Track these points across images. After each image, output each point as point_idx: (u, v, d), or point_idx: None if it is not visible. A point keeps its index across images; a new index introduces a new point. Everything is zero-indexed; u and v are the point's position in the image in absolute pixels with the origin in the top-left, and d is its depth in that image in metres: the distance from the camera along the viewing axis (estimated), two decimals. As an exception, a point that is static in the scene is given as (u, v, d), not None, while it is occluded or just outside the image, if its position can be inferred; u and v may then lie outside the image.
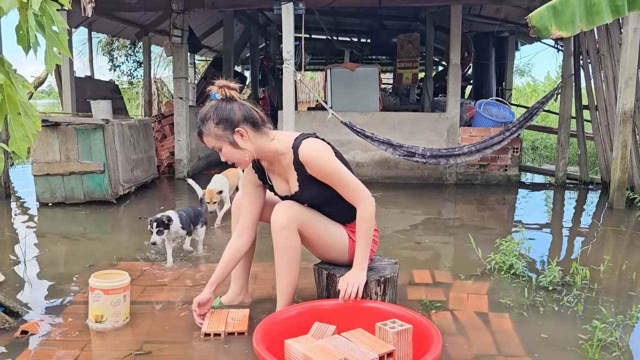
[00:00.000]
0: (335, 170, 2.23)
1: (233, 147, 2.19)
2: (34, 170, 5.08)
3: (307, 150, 2.22)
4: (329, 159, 2.23)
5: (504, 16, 7.91)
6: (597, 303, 2.70)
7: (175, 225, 3.31)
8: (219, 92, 2.19)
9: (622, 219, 4.65)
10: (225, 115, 2.16)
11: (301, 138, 2.26)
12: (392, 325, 1.94)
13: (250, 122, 2.20)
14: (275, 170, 2.35)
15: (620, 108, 5.03)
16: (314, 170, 2.22)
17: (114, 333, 2.36)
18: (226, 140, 2.18)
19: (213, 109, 2.18)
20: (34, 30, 2.00)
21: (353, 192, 2.25)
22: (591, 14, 3.30)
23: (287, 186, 2.36)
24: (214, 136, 2.18)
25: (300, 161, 2.22)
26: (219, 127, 2.16)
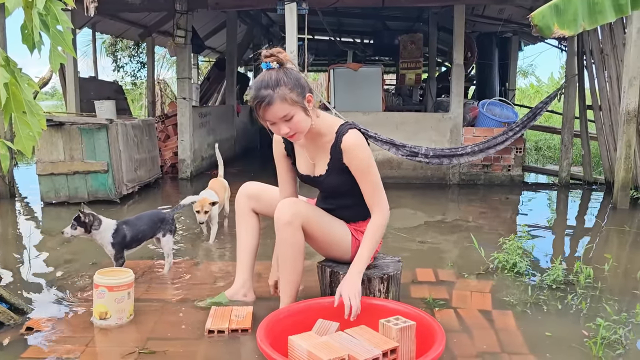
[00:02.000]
0: (372, 169, 2.23)
1: (306, 113, 2.11)
2: (38, 169, 5.10)
3: (352, 139, 2.19)
4: (369, 155, 2.24)
5: (507, 16, 7.90)
6: (601, 302, 2.70)
7: (106, 235, 2.85)
8: (273, 60, 2.09)
9: (626, 219, 4.64)
10: (299, 80, 2.08)
11: (348, 126, 2.24)
12: (395, 322, 1.95)
13: (310, 89, 2.17)
14: (307, 145, 2.32)
15: (624, 108, 5.02)
16: (352, 160, 2.20)
17: (118, 330, 2.37)
18: (300, 106, 2.08)
19: (283, 74, 2.06)
20: (38, 30, 2.01)
21: (376, 196, 2.25)
22: (594, 12, 3.30)
23: (312, 166, 2.34)
24: (290, 102, 2.05)
25: (340, 148, 2.20)
26: (294, 92, 2.05)
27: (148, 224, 3.03)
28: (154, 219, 3.08)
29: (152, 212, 3.20)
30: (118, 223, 2.90)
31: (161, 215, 3.13)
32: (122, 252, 2.89)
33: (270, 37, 12.35)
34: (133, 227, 2.94)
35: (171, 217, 3.18)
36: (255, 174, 7.14)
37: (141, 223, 3.01)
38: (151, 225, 3.04)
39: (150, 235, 3.05)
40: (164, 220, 3.11)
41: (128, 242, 2.91)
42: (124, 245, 2.89)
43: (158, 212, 3.18)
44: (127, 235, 2.90)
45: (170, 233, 3.12)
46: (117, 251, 2.87)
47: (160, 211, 3.23)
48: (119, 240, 2.86)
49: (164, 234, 3.08)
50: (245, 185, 2.65)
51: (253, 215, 2.62)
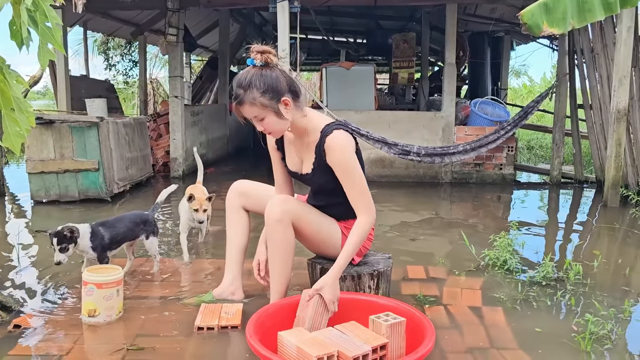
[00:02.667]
0: (353, 170, 2.18)
1: (278, 117, 2.11)
2: (28, 168, 5.07)
3: (335, 140, 2.17)
4: (349, 155, 2.19)
5: (499, 16, 7.92)
6: (591, 298, 2.71)
7: (84, 241, 2.70)
8: (259, 58, 2.07)
9: (616, 217, 4.67)
10: (273, 84, 2.06)
11: (333, 126, 2.21)
12: (385, 318, 1.94)
13: (293, 92, 2.14)
14: (295, 142, 2.33)
15: (615, 106, 5.05)
16: (333, 160, 2.19)
17: (106, 327, 2.35)
18: (272, 110, 2.09)
19: (258, 76, 2.06)
20: (26, 26, 1.99)
21: (361, 198, 2.20)
22: (583, 11, 3.31)
23: (300, 164, 2.35)
24: (259, 105, 2.08)
25: (324, 148, 2.20)
26: (265, 97, 2.06)
27: (129, 226, 2.90)
28: (136, 221, 2.95)
29: (133, 213, 3.05)
30: (92, 225, 2.77)
31: (144, 217, 3.00)
32: (105, 252, 2.78)
33: (263, 36, 12.33)
34: (111, 229, 2.81)
35: (152, 217, 3.07)
36: (248, 172, 7.12)
37: (121, 225, 2.88)
38: (132, 227, 2.92)
39: (131, 237, 2.93)
40: (147, 221, 2.99)
41: (107, 243, 2.78)
42: (104, 247, 2.77)
43: (140, 214, 3.03)
44: (104, 236, 2.77)
45: (154, 235, 3.02)
46: (100, 253, 2.75)
47: (143, 212, 3.06)
48: (98, 242, 2.74)
49: (147, 235, 2.98)
50: (236, 182, 2.66)
51: (243, 213, 2.62)
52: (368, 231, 2.21)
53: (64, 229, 2.62)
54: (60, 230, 2.61)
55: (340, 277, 2.31)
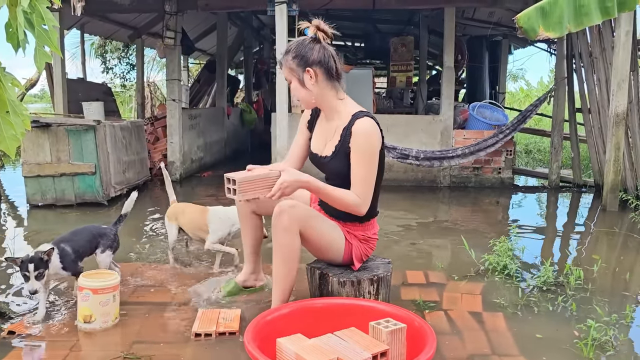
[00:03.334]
0: (369, 157, 2.22)
1: (300, 84, 2.26)
2: (24, 171, 5.03)
3: (364, 125, 2.22)
4: (373, 145, 2.23)
5: (497, 20, 7.93)
6: (591, 303, 2.69)
7: (54, 263, 2.48)
8: (311, 30, 2.24)
9: (616, 221, 4.66)
10: (303, 52, 2.22)
11: (365, 113, 2.27)
12: (385, 325, 1.92)
13: (325, 67, 2.24)
14: (325, 125, 2.37)
15: (613, 110, 5.05)
16: (355, 143, 2.21)
17: (102, 333, 2.32)
18: (296, 76, 2.25)
19: (296, 43, 2.25)
20: (22, 28, 1.97)
21: (363, 184, 2.22)
22: (580, 15, 3.30)
23: (323, 147, 2.38)
24: (288, 68, 2.26)
25: (351, 129, 2.23)
26: (294, 61, 2.23)
27: (87, 239, 2.73)
28: (94, 233, 2.79)
29: (91, 226, 2.89)
30: (54, 244, 2.54)
31: (101, 230, 2.83)
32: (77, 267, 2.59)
33: (261, 39, 12.34)
34: (71, 243, 2.62)
35: (113, 232, 2.87)
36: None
37: (78, 238, 2.71)
38: (90, 239, 2.75)
39: (89, 251, 2.74)
40: (104, 235, 2.82)
41: (74, 258, 2.60)
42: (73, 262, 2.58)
43: (98, 227, 2.88)
44: (70, 252, 2.58)
45: (110, 249, 2.81)
46: (73, 269, 2.57)
47: (100, 226, 2.90)
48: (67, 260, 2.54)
49: (103, 249, 2.77)
50: None
51: (254, 216, 2.64)
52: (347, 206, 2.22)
53: (38, 253, 2.39)
54: (35, 255, 2.38)
55: (340, 283, 2.29)
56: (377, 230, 2.52)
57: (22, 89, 2.63)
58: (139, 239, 4.01)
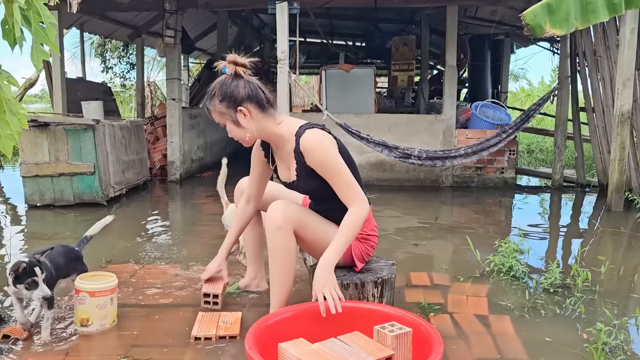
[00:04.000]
0: (332, 164, 2.13)
1: (235, 125, 2.16)
2: (22, 171, 4.97)
3: (308, 139, 2.13)
4: (328, 151, 2.13)
5: (499, 18, 7.87)
6: (600, 305, 2.63)
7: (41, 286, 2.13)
8: (229, 67, 2.15)
9: (621, 221, 4.60)
10: (229, 93, 2.13)
11: (305, 127, 2.18)
12: (391, 329, 1.86)
13: (255, 101, 2.15)
14: (279, 153, 2.30)
15: (618, 109, 4.99)
16: (311, 160, 2.14)
17: (100, 337, 2.26)
18: (229, 118, 2.16)
19: (219, 85, 2.15)
20: (19, 25, 1.92)
21: (348, 189, 2.13)
22: (586, 12, 3.24)
23: (289, 173, 2.30)
24: (218, 113, 2.16)
25: (300, 150, 2.15)
26: (222, 105, 2.14)
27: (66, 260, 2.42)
28: (72, 256, 2.48)
29: (67, 247, 2.53)
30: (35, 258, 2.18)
31: (77, 253, 2.53)
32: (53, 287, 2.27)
33: (262, 39, 12.28)
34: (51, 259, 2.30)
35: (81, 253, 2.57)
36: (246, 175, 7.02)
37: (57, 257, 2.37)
38: (68, 261, 2.44)
39: (63, 274, 2.41)
40: (79, 259, 2.53)
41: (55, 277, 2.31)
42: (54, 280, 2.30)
43: (73, 249, 2.54)
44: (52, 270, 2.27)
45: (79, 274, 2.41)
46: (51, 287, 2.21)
47: (74, 248, 2.55)
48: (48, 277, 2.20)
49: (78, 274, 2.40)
50: (240, 182, 2.68)
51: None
52: (361, 220, 2.12)
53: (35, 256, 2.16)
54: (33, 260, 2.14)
55: (343, 285, 2.24)
56: (376, 225, 2.45)
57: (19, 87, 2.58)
58: (138, 239, 3.96)
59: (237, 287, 2.76)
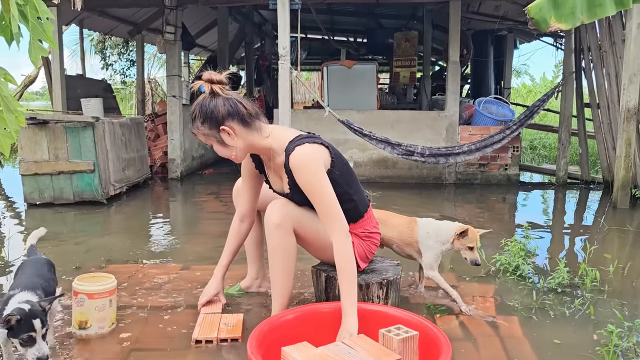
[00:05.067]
0: (317, 189, 2.04)
1: (221, 145, 2.11)
2: (21, 169, 4.92)
3: (295, 158, 2.06)
4: (312, 173, 2.04)
5: (502, 13, 7.79)
6: (610, 306, 2.58)
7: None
8: (206, 86, 2.09)
9: (627, 218, 4.54)
10: (209, 113, 2.06)
11: (296, 143, 2.09)
12: (396, 332, 1.80)
13: (238, 118, 2.07)
14: (270, 165, 2.24)
15: (624, 105, 4.92)
16: (298, 180, 2.08)
17: (99, 340, 2.21)
18: (214, 138, 2.10)
19: (198, 107, 2.09)
20: (16, 20, 1.86)
21: (329, 219, 2.05)
22: (593, 6, 3.16)
23: (281, 183, 2.25)
24: (202, 135, 2.12)
25: (289, 168, 2.09)
26: (205, 126, 2.08)
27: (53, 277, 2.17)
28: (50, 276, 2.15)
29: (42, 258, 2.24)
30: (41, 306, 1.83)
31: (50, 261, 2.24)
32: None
33: (263, 35, 12.21)
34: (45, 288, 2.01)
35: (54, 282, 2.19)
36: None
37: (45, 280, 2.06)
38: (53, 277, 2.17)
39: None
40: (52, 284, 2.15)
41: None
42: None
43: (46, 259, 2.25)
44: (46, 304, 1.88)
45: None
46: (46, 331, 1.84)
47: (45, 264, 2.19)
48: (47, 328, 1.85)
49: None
50: (238, 181, 2.61)
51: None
52: (347, 253, 2.03)
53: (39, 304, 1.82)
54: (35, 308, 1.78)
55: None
56: (377, 222, 2.41)
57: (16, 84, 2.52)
58: (139, 238, 3.91)
59: (239, 289, 2.71)
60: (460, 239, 2.52)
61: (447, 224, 2.62)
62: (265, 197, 2.45)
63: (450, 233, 2.54)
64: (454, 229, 2.54)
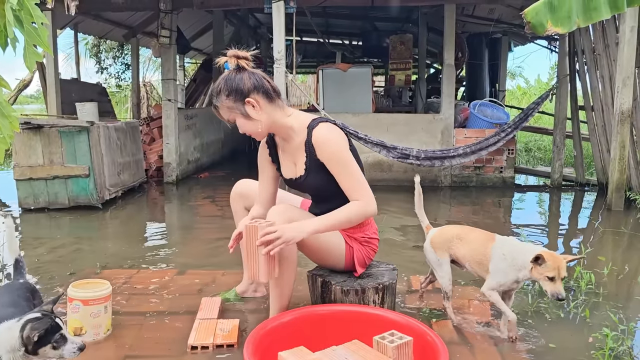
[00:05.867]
0: (345, 159, 2.10)
1: (245, 118, 2.11)
2: (16, 174, 4.90)
3: (321, 132, 2.10)
4: (340, 145, 2.11)
5: (497, 16, 7.82)
6: (605, 309, 2.58)
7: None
8: (230, 62, 2.11)
9: (622, 221, 4.56)
10: (235, 86, 2.08)
11: (319, 120, 2.16)
12: (391, 339, 1.80)
13: (262, 91, 2.11)
14: (286, 148, 2.25)
15: (618, 108, 4.95)
16: (324, 154, 2.10)
17: (93, 347, 2.19)
18: (238, 111, 2.11)
19: (223, 80, 2.11)
20: (12, 26, 1.86)
21: (357, 186, 2.10)
22: (589, 9, 3.18)
23: (294, 168, 2.25)
24: (227, 109, 2.11)
25: (312, 142, 2.11)
26: (229, 99, 2.09)
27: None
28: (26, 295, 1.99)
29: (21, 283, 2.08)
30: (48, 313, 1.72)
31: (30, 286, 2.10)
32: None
33: (258, 38, 12.21)
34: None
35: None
36: (243, 176, 6.96)
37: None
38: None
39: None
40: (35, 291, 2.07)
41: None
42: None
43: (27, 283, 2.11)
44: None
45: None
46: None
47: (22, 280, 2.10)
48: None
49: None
50: (237, 183, 2.62)
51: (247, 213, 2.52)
52: (361, 213, 2.09)
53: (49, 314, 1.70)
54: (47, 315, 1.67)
55: (343, 292, 2.18)
56: (376, 229, 2.42)
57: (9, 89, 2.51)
58: (134, 243, 3.90)
59: (235, 294, 2.70)
60: (537, 267, 2.10)
61: (527, 247, 2.23)
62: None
63: (527, 258, 2.13)
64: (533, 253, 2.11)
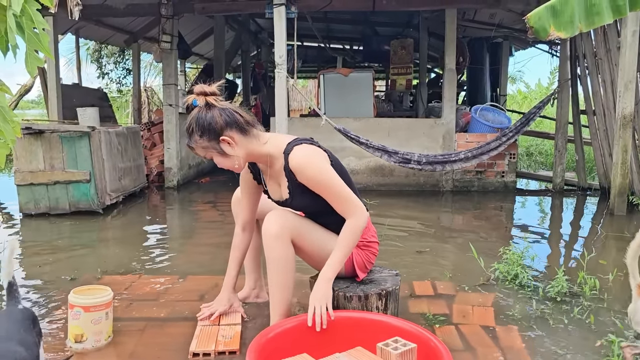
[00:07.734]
0: (325, 180, 2.08)
1: (222, 156, 2.09)
2: (16, 179, 4.89)
3: (296, 157, 2.08)
4: (319, 167, 2.09)
5: (498, 21, 7.83)
6: (610, 315, 2.56)
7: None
8: (198, 99, 2.06)
9: (625, 225, 4.54)
10: (207, 126, 2.04)
11: (293, 144, 2.12)
12: (394, 346, 1.79)
13: (236, 127, 2.07)
14: (269, 172, 2.23)
15: (620, 112, 4.93)
16: (303, 178, 2.09)
17: (95, 353, 2.18)
18: (214, 150, 2.08)
19: (194, 120, 2.06)
20: (14, 32, 1.85)
21: (344, 202, 2.10)
22: (591, 14, 3.19)
23: (279, 190, 2.24)
24: (202, 148, 2.09)
25: (289, 168, 2.09)
26: (204, 139, 2.06)
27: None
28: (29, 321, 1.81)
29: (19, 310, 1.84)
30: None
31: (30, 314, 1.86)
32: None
33: (259, 43, 12.24)
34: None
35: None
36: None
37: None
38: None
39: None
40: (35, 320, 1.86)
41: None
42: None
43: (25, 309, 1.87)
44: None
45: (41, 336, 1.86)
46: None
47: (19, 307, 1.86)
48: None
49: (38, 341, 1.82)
50: (238, 188, 2.57)
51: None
52: (359, 230, 2.11)
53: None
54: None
55: (346, 298, 2.17)
56: (375, 232, 2.40)
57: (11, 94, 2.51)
58: (135, 249, 3.88)
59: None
60: None
61: None
62: (263, 207, 2.44)
63: None
64: None
